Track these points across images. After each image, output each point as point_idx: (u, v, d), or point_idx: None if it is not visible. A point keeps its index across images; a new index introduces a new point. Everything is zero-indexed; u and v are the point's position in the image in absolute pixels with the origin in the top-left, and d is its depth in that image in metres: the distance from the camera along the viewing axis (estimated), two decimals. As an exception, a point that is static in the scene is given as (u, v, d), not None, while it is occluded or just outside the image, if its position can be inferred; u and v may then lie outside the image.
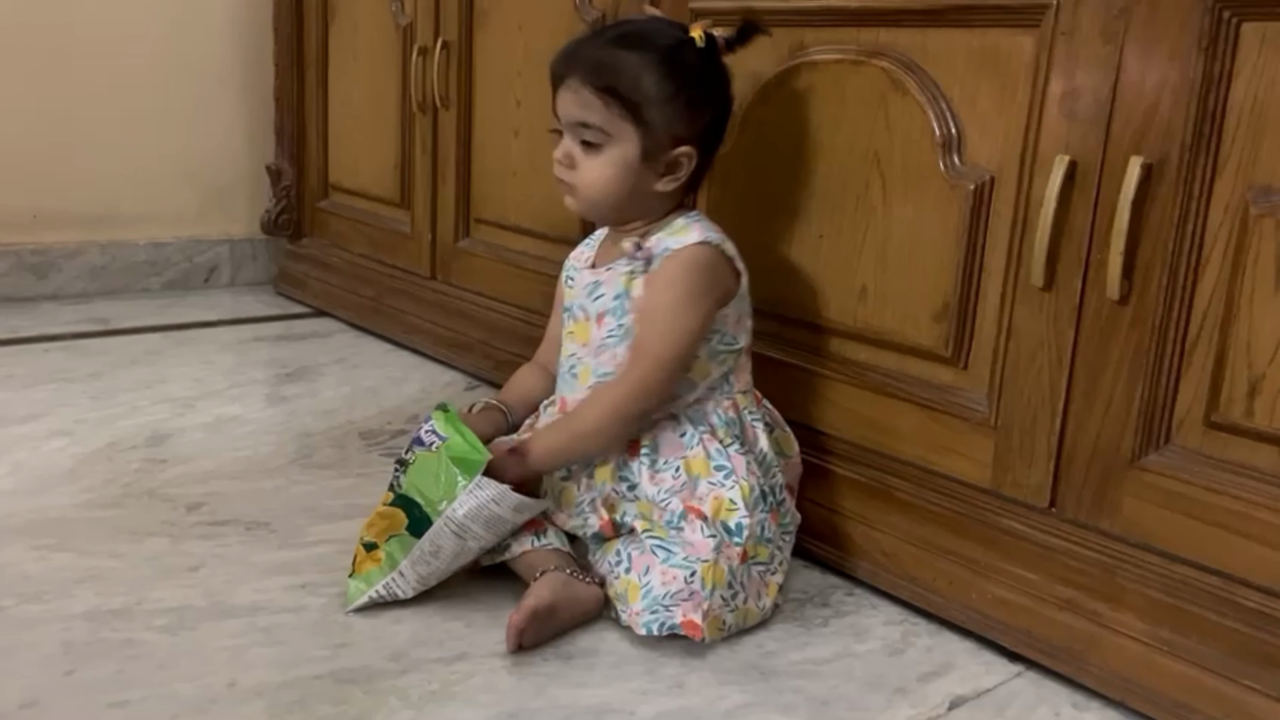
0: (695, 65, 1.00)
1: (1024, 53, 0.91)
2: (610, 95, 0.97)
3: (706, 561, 0.92)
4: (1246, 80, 0.78)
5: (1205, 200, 0.81)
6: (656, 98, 0.98)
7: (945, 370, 1.01)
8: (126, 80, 2.01)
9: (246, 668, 0.85)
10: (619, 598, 0.95)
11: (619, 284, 1.02)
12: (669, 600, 0.91)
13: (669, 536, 0.96)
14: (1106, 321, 0.87)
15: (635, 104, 0.97)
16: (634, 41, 1.00)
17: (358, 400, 1.53)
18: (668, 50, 0.99)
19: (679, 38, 1.00)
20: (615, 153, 0.99)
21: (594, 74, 0.98)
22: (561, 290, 1.13)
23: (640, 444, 1.00)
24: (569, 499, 1.02)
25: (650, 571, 0.94)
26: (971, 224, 0.96)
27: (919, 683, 0.90)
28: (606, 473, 1.00)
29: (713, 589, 0.92)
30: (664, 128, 0.99)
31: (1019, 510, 0.95)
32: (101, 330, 1.81)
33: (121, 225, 2.06)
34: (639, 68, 0.97)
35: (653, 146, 0.99)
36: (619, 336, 1.02)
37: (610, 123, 0.98)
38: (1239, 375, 0.81)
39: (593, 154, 1.00)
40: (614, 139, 0.99)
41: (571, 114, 1.00)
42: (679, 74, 0.99)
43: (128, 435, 1.34)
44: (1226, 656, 0.81)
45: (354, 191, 1.95)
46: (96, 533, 1.07)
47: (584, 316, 1.06)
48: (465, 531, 0.93)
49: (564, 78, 1.00)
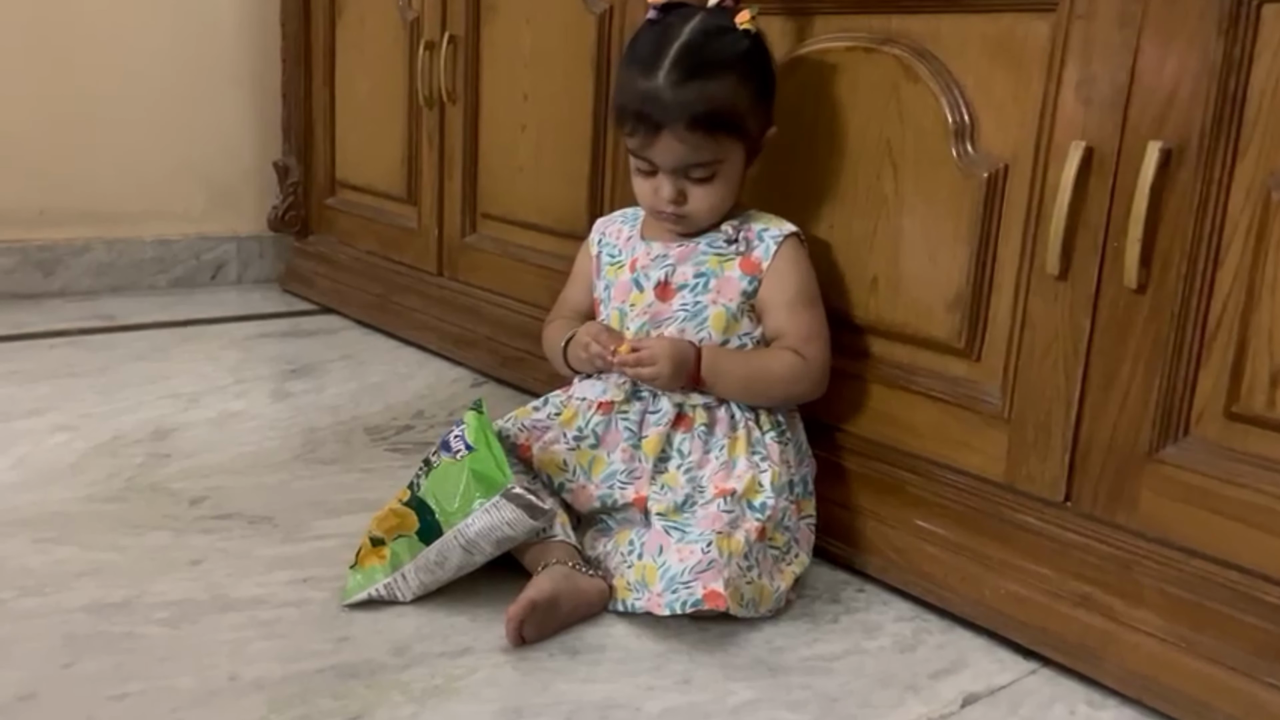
0: (759, 58, 1.03)
1: (1039, 38, 0.90)
2: (721, 129, 1.00)
3: (721, 533, 0.92)
4: (1268, 63, 0.76)
5: (1226, 186, 0.79)
6: (749, 104, 1.02)
7: (958, 362, 0.99)
8: (133, 77, 2.01)
9: (248, 661, 0.84)
10: (636, 586, 0.94)
11: (704, 263, 1.04)
12: (688, 575, 0.90)
13: (681, 519, 0.95)
14: (1124, 311, 0.85)
15: (740, 123, 1.01)
16: (714, 66, 0.99)
17: (364, 396, 1.52)
18: (742, 60, 1.01)
19: (740, 39, 1.01)
20: (728, 171, 1.03)
21: (700, 121, 0.98)
22: (599, 265, 1.13)
23: (694, 419, 1.01)
24: (599, 468, 1.02)
25: (665, 551, 0.93)
26: (985, 213, 0.95)
27: (931, 680, 0.88)
28: (654, 445, 1.01)
29: (729, 557, 0.91)
30: (758, 124, 1.04)
31: (1033, 505, 0.93)
32: (107, 326, 1.80)
33: (128, 222, 2.06)
34: (732, 88, 1.00)
35: (752, 148, 1.05)
36: (690, 313, 1.03)
37: (721, 151, 1.01)
38: (1260, 365, 0.79)
39: (706, 183, 1.02)
40: (726, 161, 1.02)
41: (681, 160, 1.01)
42: (755, 76, 1.02)
43: (132, 430, 1.33)
44: (1247, 653, 0.79)
45: (361, 188, 1.94)
46: (98, 526, 1.06)
47: (646, 286, 1.06)
48: (474, 548, 0.93)
49: (660, 128, 0.99)
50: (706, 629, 0.93)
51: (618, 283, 1.09)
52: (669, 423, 1.02)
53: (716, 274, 1.03)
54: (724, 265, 1.03)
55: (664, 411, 1.02)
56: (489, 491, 0.92)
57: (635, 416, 1.03)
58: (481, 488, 0.93)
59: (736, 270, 1.03)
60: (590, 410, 1.04)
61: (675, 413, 1.02)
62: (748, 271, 1.03)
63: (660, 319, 1.04)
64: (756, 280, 1.03)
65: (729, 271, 1.03)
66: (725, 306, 1.03)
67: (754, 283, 1.03)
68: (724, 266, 1.03)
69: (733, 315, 1.03)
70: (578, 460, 1.02)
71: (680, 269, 1.04)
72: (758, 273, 1.03)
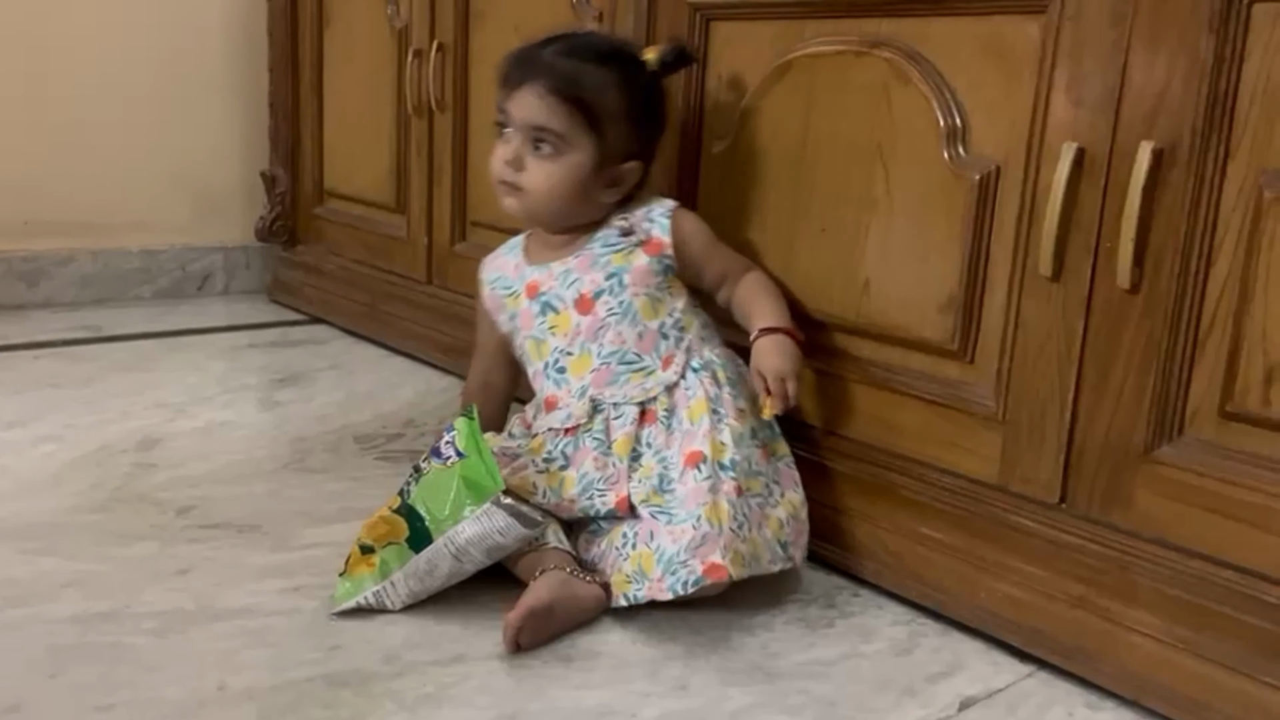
0: (648, 85, 1.07)
1: (1029, 40, 0.90)
2: (577, 105, 1.01)
3: (706, 504, 0.93)
4: (1258, 61, 0.77)
5: (1218, 185, 0.79)
6: (616, 111, 1.03)
7: (951, 364, 0.99)
8: (118, 86, 1.99)
9: (237, 670, 0.83)
10: (635, 576, 0.93)
11: (609, 263, 1.04)
12: (684, 554, 0.91)
13: (665, 502, 0.96)
14: (1117, 311, 0.85)
15: (598, 116, 1.02)
16: (598, 56, 1.05)
17: (353, 405, 1.51)
18: (630, 69, 1.06)
19: (636, 58, 1.07)
20: (570, 160, 1.03)
21: (562, 82, 1.01)
22: (495, 302, 1.14)
23: (656, 409, 1.02)
24: (568, 487, 1.01)
25: (657, 536, 0.94)
26: (977, 214, 0.95)
27: (928, 683, 0.87)
28: (625, 445, 1.00)
29: (721, 526, 0.92)
30: (618, 141, 1.04)
31: (1028, 506, 0.93)
32: (93, 337, 1.78)
33: (113, 233, 2.04)
34: (605, 82, 1.03)
35: (604, 159, 1.04)
36: (620, 314, 1.04)
37: (571, 130, 1.02)
38: (1254, 363, 0.79)
39: (545, 159, 1.03)
40: (571, 146, 1.03)
41: (532, 118, 1.02)
42: (637, 92, 1.05)
43: (118, 440, 1.31)
44: (1245, 653, 0.79)
45: (349, 197, 1.93)
46: (84, 537, 1.05)
47: (561, 307, 1.06)
48: (464, 555, 0.92)
49: (524, 81, 1.03)
50: (701, 633, 0.93)
51: (520, 311, 1.10)
52: (635, 422, 1.02)
53: (626, 268, 1.04)
54: (629, 258, 1.04)
55: (627, 414, 1.02)
56: (480, 498, 0.91)
57: (600, 428, 1.02)
58: (472, 495, 0.92)
59: (644, 258, 1.05)
60: (558, 436, 1.04)
61: (639, 411, 1.02)
62: (655, 253, 1.05)
63: (595, 330, 1.04)
64: (668, 258, 1.05)
65: (637, 261, 1.04)
66: (647, 294, 1.05)
67: (665, 261, 1.05)
68: (630, 259, 1.04)
69: (657, 299, 1.05)
70: (547, 483, 1.02)
71: (589, 278, 1.05)
72: (665, 250, 1.05)
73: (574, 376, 1.04)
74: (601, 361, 1.03)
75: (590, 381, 1.03)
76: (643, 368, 1.03)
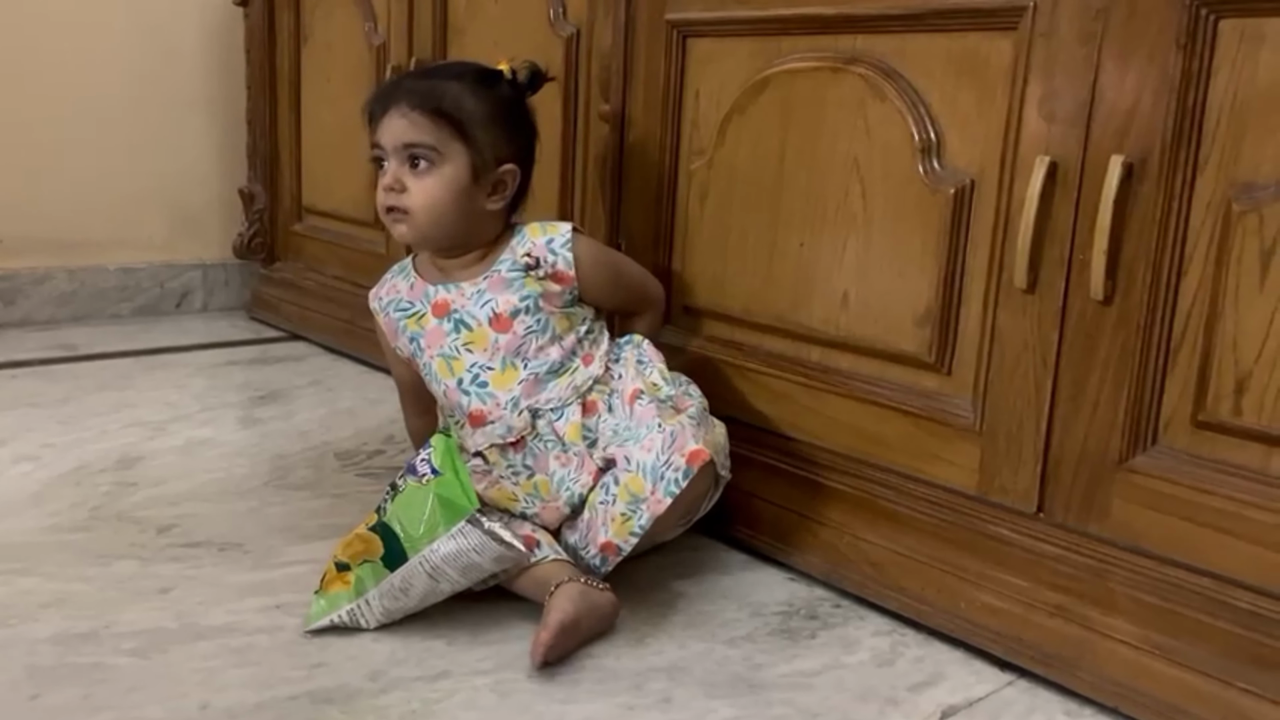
0: (507, 93, 1.09)
1: (1002, 55, 0.91)
2: (438, 115, 1.03)
3: (661, 413, 1.00)
4: (1226, 77, 0.78)
5: (1187, 198, 0.81)
6: (480, 117, 1.05)
7: (929, 376, 1.00)
8: (95, 103, 1.99)
9: (219, 689, 0.82)
10: (629, 509, 0.95)
11: (524, 286, 1.06)
12: (664, 455, 0.95)
13: (623, 435, 1.01)
14: (1091, 322, 0.86)
15: (460, 122, 1.04)
16: (449, 72, 1.10)
17: (333, 422, 1.50)
18: (481, 77, 1.08)
19: (490, 70, 1.10)
20: (447, 171, 1.04)
21: (421, 99, 1.04)
22: (391, 326, 1.13)
23: (596, 401, 1.05)
24: (546, 488, 1.03)
25: (631, 457, 0.97)
26: (953, 228, 0.96)
27: (910, 693, 0.88)
28: (575, 430, 1.03)
29: (683, 425, 0.98)
30: (489, 146, 1.05)
31: (1007, 516, 0.94)
32: (70, 356, 1.77)
33: (91, 250, 2.03)
34: (460, 91, 1.05)
35: (480, 164, 1.05)
36: (540, 331, 1.06)
37: (441, 141, 1.03)
38: (1225, 373, 0.80)
39: (423, 175, 1.04)
40: (445, 157, 1.04)
41: (400, 137, 1.04)
42: (495, 97, 1.07)
43: (96, 459, 1.31)
44: (1220, 659, 0.80)
45: (328, 214, 1.93)
46: (63, 556, 1.04)
47: (475, 324, 1.07)
48: (439, 574, 0.91)
49: (387, 108, 1.05)
50: (685, 646, 0.93)
51: (426, 330, 1.09)
52: (579, 414, 1.04)
53: (539, 292, 1.06)
54: (541, 283, 1.06)
55: (568, 412, 1.04)
56: (454, 517, 0.91)
57: (547, 431, 1.04)
58: (447, 513, 0.92)
59: (555, 286, 1.07)
60: (508, 450, 1.05)
61: (580, 406, 1.04)
62: (564, 284, 1.07)
63: (516, 347, 1.05)
64: (574, 288, 1.08)
65: (549, 287, 1.06)
66: (561, 311, 1.07)
67: (573, 290, 1.08)
68: (542, 285, 1.06)
69: (570, 313, 1.08)
70: (524, 490, 1.04)
71: (503, 298, 1.06)
72: (572, 282, 1.07)
73: (500, 389, 1.05)
74: (529, 373, 1.05)
75: (520, 392, 1.04)
76: (567, 369, 1.06)
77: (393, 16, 1.68)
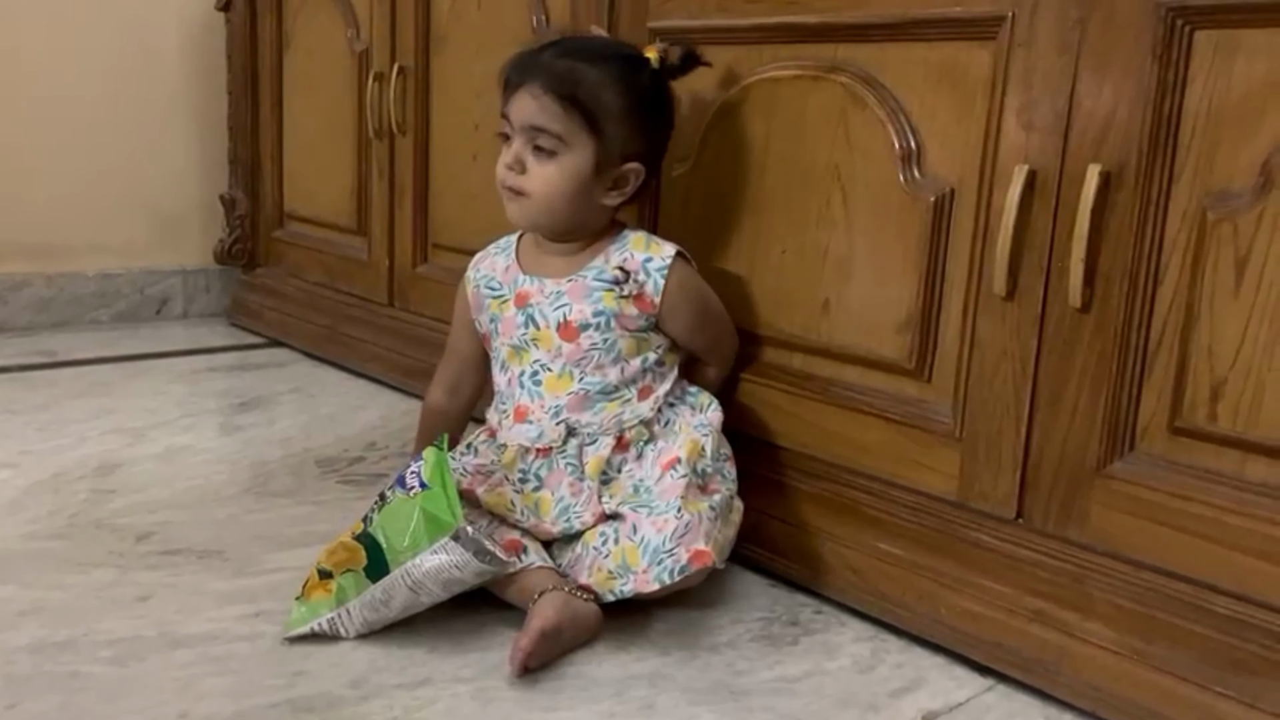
0: (649, 84, 1.05)
1: (981, 65, 0.92)
2: (572, 104, 1.00)
3: (684, 496, 0.96)
4: (1200, 87, 0.79)
5: (1163, 206, 0.82)
6: (615, 111, 1.01)
7: (909, 383, 1.01)
8: (75, 107, 1.98)
9: (199, 698, 0.82)
10: (619, 571, 0.94)
11: (600, 301, 1.03)
12: (670, 543, 0.93)
13: (643, 498, 0.98)
14: (1069, 330, 0.87)
15: (594, 115, 1.00)
16: (595, 56, 1.04)
17: (315, 428, 1.50)
18: (627, 67, 1.04)
19: (636, 56, 1.05)
20: (569, 161, 1.01)
21: (557, 82, 1.00)
22: (478, 300, 1.12)
23: (632, 438, 1.03)
24: (546, 508, 1.02)
25: (640, 528, 0.95)
26: (933, 236, 0.97)
27: (890, 699, 0.88)
28: (596, 467, 1.02)
29: (700, 516, 0.95)
30: (618, 142, 1.02)
31: (987, 522, 0.94)
32: (48, 362, 1.76)
33: (69, 256, 2.02)
34: (601, 81, 1.01)
35: (605, 159, 1.02)
36: (604, 350, 1.03)
37: (568, 131, 1.00)
38: (1201, 380, 0.81)
39: (545, 161, 1.02)
40: (570, 148, 1.01)
41: (529, 119, 1.01)
42: (635, 90, 1.03)
43: (75, 466, 1.30)
44: (1197, 663, 0.81)
45: (310, 219, 1.93)
46: (40, 564, 1.03)
47: (544, 325, 1.05)
48: (420, 588, 0.91)
49: (521, 83, 1.02)
50: (667, 653, 0.93)
51: (504, 317, 1.08)
52: (609, 449, 1.02)
53: (615, 311, 1.03)
54: (620, 304, 1.03)
55: (602, 442, 1.03)
56: (437, 532, 0.90)
57: (574, 452, 1.03)
58: (431, 528, 0.91)
59: (633, 309, 1.03)
60: (530, 455, 1.04)
61: (615, 441, 1.03)
62: (644, 310, 1.04)
63: (577, 359, 1.04)
64: (653, 316, 1.04)
65: (626, 309, 1.03)
66: (634, 336, 1.04)
67: (651, 318, 1.05)
68: (620, 305, 1.03)
69: (642, 338, 1.05)
70: (524, 502, 1.03)
71: (577, 307, 1.04)
72: (653, 310, 1.04)
73: (549, 393, 1.04)
74: (580, 387, 1.03)
75: (566, 404, 1.03)
76: (619, 397, 1.04)
77: (375, 22, 1.68)
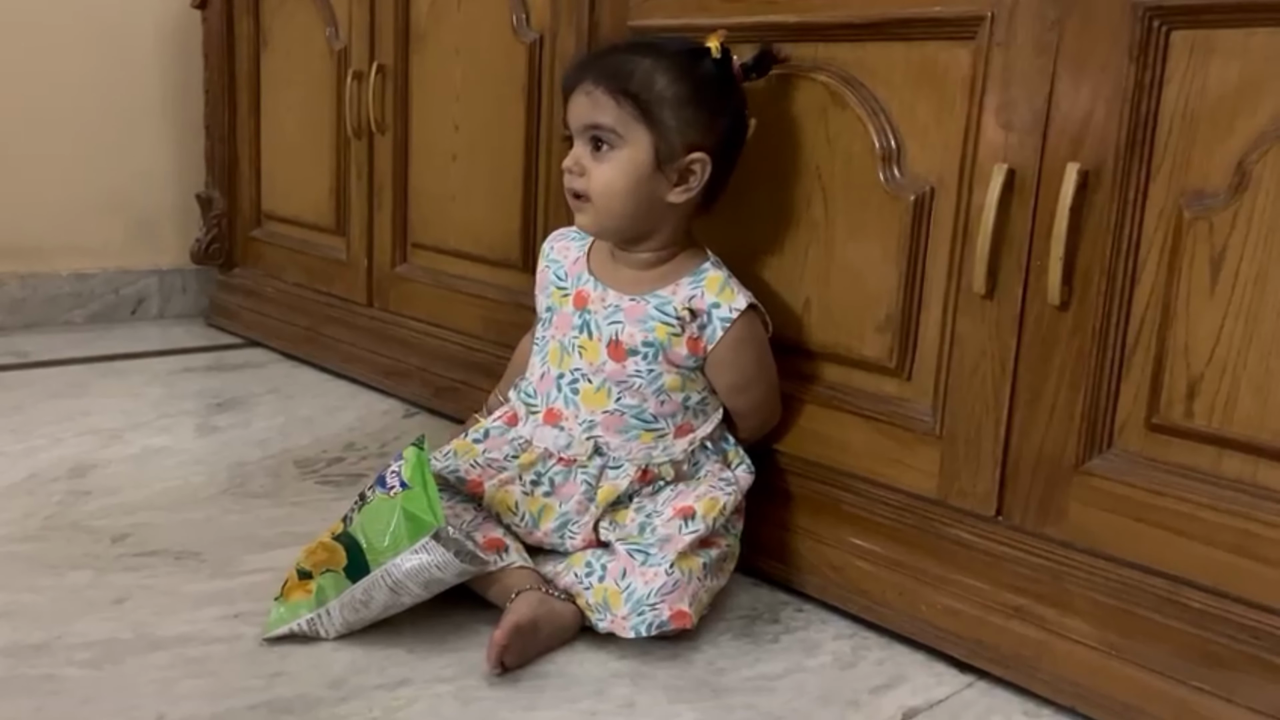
0: (709, 72, 0.99)
1: (961, 65, 0.93)
2: (622, 95, 0.96)
3: (683, 553, 0.94)
4: (1177, 87, 0.80)
5: (1140, 205, 0.82)
6: (669, 98, 0.97)
7: (890, 381, 1.01)
8: (49, 106, 1.95)
9: (176, 700, 0.81)
10: (598, 608, 0.94)
11: (653, 331, 1.01)
12: (654, 598, 0.92)
13: (644, 540, 0.96)
14: (1048, 328, 0.88)
15: (646, 103, 0.96)
16: (647, 47, 1.01)
17: (292, 429, 1.49)
18: (681, 54, 0.99)
19: (693, 46, 1.01)
20: (627, 154, 0.98)
21: (607, 76, 0.97)
22: (543, 279, 1.11)
23: (652, 473, 1.02)
24: (549, 516, 1.02)
25: (629, 575, 0.94)
26: (913, 234, 0.97)
27: (871, 696, 0.89)
28: (609, 494, 1.01)
29: (691, 574, 0.94)
30: (677, 131, 0.98)
31: (966, 519, 0.95)
32: (21, 363, 1.74)
33: (43, 256, 1.99)
34: (651, 69, 0.97)
35: (665, 150, 0.98)
36: (648, 380, 1.01)
37: (622, 123, 0.97)
38: (1178, 377, 0.82)
39: (603, 159, 0.99)
40: (626, 140, 0.97)
41: (583, 117, 0.99)
42: (691, 77, 0.98)
43: (49, 468, 1.28)
44: (1174, 658, 0.81)
45: (288, 219, 1.91)
46: (13, 567, 1.02)
47: (596, 336, 1.03)
48: (401, 589, 0.90)
49: (576, 84, 1.00)
50: (649, 652, 0.93)
51: (560, 311, 1.07)
52: (630, 479, 1.01)
53: (665, 346, 1.01)
54: (672, 340, 1.01)
55: (625, 470, 1.02)
56: (418, 532, 0.90)
57: (595, 470, 1.02)
58: (412, 528, 0.90)
59: (684, 348, 1.01)
60: (551, 460, 1.03)
61: (639, 473, 1.02)
62: (693, 351, 1.02)
63: (619, 380, 1.02)
64: (701, 359, 1.02)
65: (676, 346, 1.01)
66: (679, 373, 1.02)
67: (699, 360, 1.02)
68: (672, 341, 1.01)
69: (687, 377, 1.03)
70: (529, 506, 1.02)
71: (629, 329, 1.02)
72: (702, 354, 1.02)
73: (585, 406, 1.02)
74: (617, 407, 1.02)
75: (600, 421, 1.02)
76: (655, 429, 1.02)
77: (354, 21, 1.67)
